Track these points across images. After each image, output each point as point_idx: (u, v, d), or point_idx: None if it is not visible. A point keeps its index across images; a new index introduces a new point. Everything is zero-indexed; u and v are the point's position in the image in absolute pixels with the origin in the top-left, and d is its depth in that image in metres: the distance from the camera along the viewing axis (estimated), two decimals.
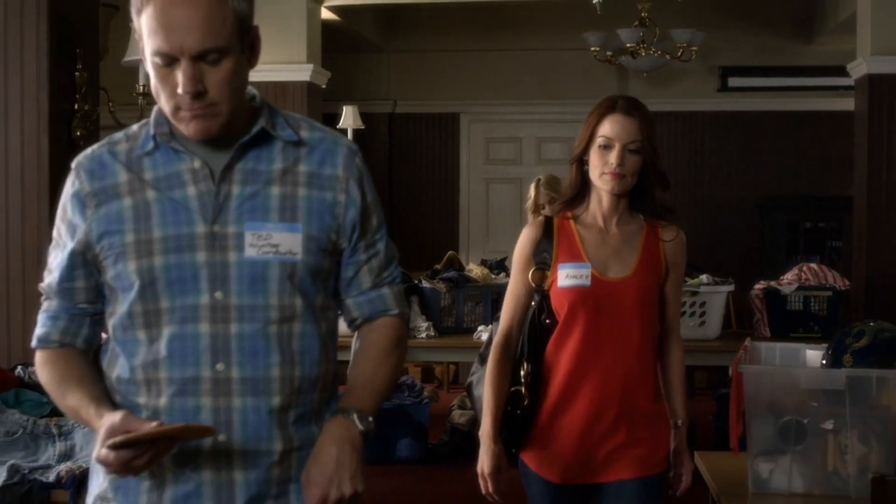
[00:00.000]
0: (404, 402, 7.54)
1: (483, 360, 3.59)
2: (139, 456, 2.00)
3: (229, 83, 2.10)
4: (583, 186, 3.26)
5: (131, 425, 2.02)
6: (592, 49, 9.61)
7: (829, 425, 3.36)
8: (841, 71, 8.42)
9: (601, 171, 3.16)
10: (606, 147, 3.15)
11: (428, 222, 11.24)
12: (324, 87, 8.41)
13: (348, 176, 2.24)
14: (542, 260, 3.24)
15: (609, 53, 9.73)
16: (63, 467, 3.46)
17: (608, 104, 3.20)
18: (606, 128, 3.16)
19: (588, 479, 3.22)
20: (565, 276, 3.19)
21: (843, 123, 8.55)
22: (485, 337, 7.42)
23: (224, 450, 2.14)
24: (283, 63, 7.97)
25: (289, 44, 8.06)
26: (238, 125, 2.18)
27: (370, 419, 2.17)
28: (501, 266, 8.46)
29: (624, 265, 3.21)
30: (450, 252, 8.39)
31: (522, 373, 3.23)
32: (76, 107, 4.54)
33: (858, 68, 7.92)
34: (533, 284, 3.24)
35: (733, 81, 11.27)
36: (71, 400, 2.19)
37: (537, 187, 7.06)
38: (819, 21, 10.74)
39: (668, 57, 9.54)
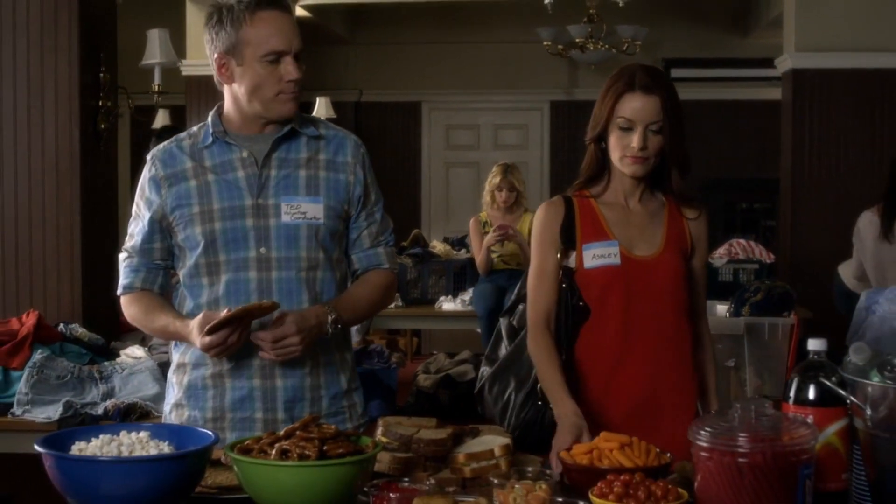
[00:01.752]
0: (374, 368, 7.85)
1: (491, 363, 3.20)
2: (231, 334, 2.68)
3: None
4: (601, 165, 2.98)
5: (214, 316, 2.71)
6: (545, 43, 10.09)
7: (731, 363, 4.03)
8: (774, 63, 8.83)
9: (621, 154, 2.87)
10: (627, 129, 2.85)
11: (392, 203, 10.87)
12: None
13: (355, 162, 2.97)
14: (568, 239, 2.95)
15: (560, 47, 10.20)
16: (109, 403, 4.11)
17: (627, 80, 2.87)
18: (626, 108, 2.84)
19: None
20: (592, 257, 2.90)
21: (777, 111, 8.92)
22: (446, 307, 8.12)
23: (268, 365, 2.85)
24: None
25: None
26: (276, 124, 2.91)
27: (338, 325, 2.85)
28: (462, 243, 9.09)
29: (651, 242, 2.94)
30: (415, 230, 8.96)
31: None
32: (100, 104, 5.11)
33: (784, 63, 8.45)
34: (563, 266, 2.94)
35: (675, 72, 11.42)
36: (158, 322, 2.89)
37: (504, 171, 7.63)
38: (753, 17, 11.16)
39: (614, 51, 10.01)
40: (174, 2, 8.82)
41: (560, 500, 2.12)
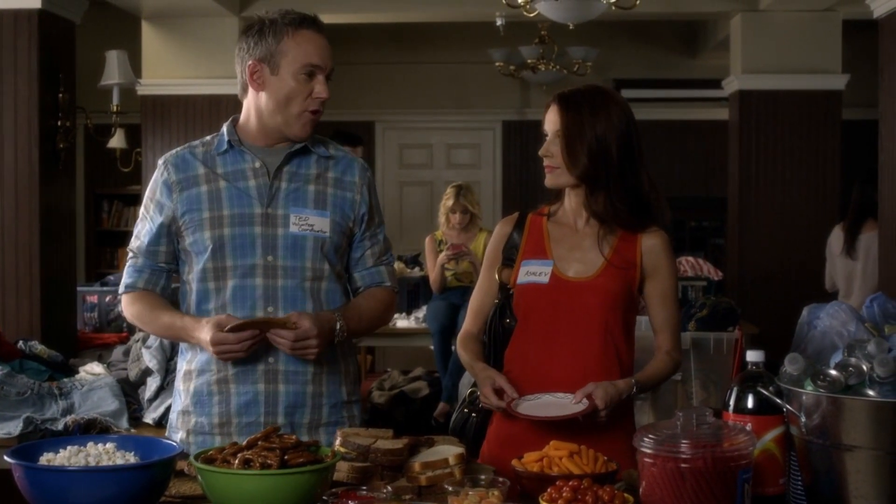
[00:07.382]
0: None
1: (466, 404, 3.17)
2: (244, 340, 2.77)
3: None
4: None
5: (232, 319, 2.80)
6: (497, 64, 10.24)
7: (677, 377, 4.14)
8: (721, 84, 9.07)
9: None
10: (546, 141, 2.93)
11: None
12: None
13: (362, 183, 3.07)
14: (509, 256, 3.02)
15: (512, 68, 10.36)
16: (69, 419, 4.16)
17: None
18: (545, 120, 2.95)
19: None
20: (525, 273, 2.95)
21: (724, 131, 9.24)
22: (400, 324, 8.20)
23: (272, 370, 2.94)
24: (216, 77, 8.42)
25: (222, 60, 8.31)
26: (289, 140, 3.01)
27: (345, 333, 2.93)
28: (416, 261, 9.21)
29: (588, 265, 2.92)
30: None
31: None
32: (59, 123, 5.20)
33: (731, 84, 8.71)
34: (499, 281, 3.03)
35: (626, 93, 11.13)
36: (164, 319, 2.95)
37: (457, 194, 7.73)
38: (702, 39, 11.37)
39: (565, 71, 10.16)
40: (131, 23, 8.85)
41: None
